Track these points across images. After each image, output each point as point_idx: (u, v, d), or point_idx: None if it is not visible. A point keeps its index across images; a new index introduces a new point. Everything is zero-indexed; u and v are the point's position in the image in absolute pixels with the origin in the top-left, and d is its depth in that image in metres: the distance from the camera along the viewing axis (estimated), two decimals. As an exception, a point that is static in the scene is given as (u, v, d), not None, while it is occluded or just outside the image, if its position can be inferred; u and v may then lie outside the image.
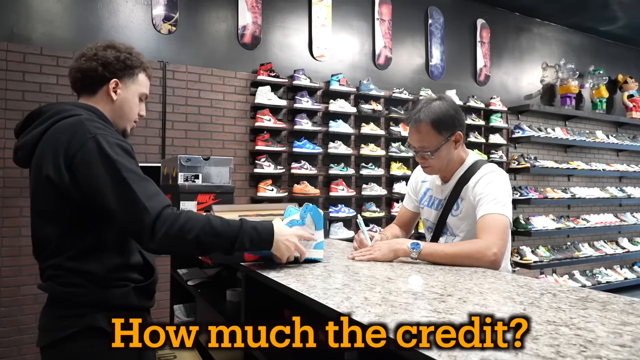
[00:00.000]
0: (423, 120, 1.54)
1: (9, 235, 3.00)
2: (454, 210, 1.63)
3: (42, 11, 3.20)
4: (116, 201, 1.08)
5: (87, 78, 1.26)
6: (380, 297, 0.93)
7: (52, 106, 1.22)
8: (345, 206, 4.15)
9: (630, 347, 0.64)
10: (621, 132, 6.47)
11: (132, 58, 1.30)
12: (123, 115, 1.31)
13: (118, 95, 1.28)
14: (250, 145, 3.87)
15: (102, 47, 1.28)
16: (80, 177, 1.10)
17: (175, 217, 1.10)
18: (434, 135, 1.55)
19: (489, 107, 5.16)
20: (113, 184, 1.08)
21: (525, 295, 0.97)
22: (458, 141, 1.60)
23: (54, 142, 1.13)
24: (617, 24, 5.94)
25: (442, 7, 4.99)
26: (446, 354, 0.62)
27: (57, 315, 1.15)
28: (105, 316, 1.13)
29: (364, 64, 4.52)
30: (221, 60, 3.82)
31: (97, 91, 1.27)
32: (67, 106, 1.21)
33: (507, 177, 1.58)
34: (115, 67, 1.27)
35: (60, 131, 1.14)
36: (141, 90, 1.34)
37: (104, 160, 1.09)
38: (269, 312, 1.41)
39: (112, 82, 1.27)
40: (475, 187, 1.55)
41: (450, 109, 1.56)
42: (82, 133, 1.11)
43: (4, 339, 2.96)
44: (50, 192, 1.13)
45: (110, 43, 1.30)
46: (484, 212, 1.48)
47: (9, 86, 3.05)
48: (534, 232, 5.09)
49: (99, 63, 1.25)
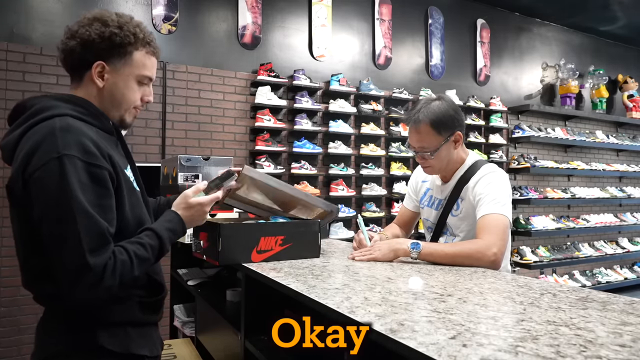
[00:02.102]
0: (422, 121, 1.55)
1: (9, 235, 2.99)
2: (454, 211, 1.64)
3: (42, 11, 3.20)
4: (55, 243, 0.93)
5: (68, 61, 1.08)
6: (380, 297, 0.93)
7: (36, 101, 1.04)
8: (345, 206, 4.15)
9: (630, 347, 0.64)
10: (621, 132, 6.47)
11: (122, 33, 1.06)
12: (115, 104, 1.11)
13: (106, 80, 1.08)
14: (250, 145, 3.87)
15: (87, 20, 1.06)
16: (33, 200, 0.95)
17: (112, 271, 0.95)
18: (434, 135, 1.55)
19: (489, 107, 5.16)
20: (57, 222, 0.92)
21: (525, 295, 0.97)
22: (458, 141, 1.60)
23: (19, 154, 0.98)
24: (617, 24, 5.94)
25: (442, 7, 4.99)
26: (446, 353, 0.62)
27: (54, 330, 1.04)
28: (108, 334, 1.04)
29: (364, 64, 4.52)
30: (221, 60, 3.82)
31: (82, 76, 1.08)
32: (51, 102, 1.04)
33: (507, 177, 1.58)
34: (99, 47, 1.05)
35: (30, 139, 0.97)
36: (138, 72, 1.11)
37: (59, 190, 0.92)
38: (269, 312, 1.41)
39: (95, 66, 1.06)
40: (476, 187, 1.55)
41: (450, 109, 1.57)
42: (49, 148, 0.94)
43: (4, 339, 2.96)
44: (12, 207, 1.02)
45: (99, 14, 1.07)
46: (483, 212, 1.48)
47: (9, 86, 3.05)
48: (534, 232, 5.09)
49: (78, 42, 1.04)
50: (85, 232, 0.92)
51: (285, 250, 1.46)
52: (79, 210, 0.92)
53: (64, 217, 0.92)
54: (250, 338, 1.38)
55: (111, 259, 0.96)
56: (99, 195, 0.97)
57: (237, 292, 1.80)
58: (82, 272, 0.91)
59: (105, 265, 0.94)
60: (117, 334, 1.05)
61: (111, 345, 1.03)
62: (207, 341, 1.98)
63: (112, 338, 1.04)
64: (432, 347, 0.64)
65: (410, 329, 0.72)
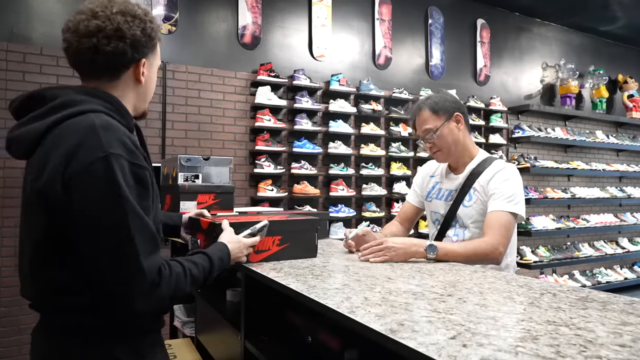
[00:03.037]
0: (422, 108, 1.72)
1: (9, 235, 3.00)
2: (465, 201, 1.68)
3: (42, 11, 3.20)
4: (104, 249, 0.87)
5: (112, 63, 0.99)
6: (380, 297, 0.93)
7: (58, 92, 0.96)
8: (345, 206, 4.15)
9: (630, 347, 0.64)
10: (621, 132, 6.47)
11: (154, 26, 1.03)
12: (147, 98, 1.09)
13: (144, 76, 1.04)
14: (250, 145, 3.87)
15: (118, 15, 0.97)
16: (77, 202, 0.87)
17: (166, 283, 0.93)
18: (434, 119, 1.70)
19: (489, 107, 5.16)
20: (112, 228, 0.87)
21: (525, 295, 0.97)
22: (459, 122, 1.71)
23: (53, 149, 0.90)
24: (617, 24, 5.94)
25: (442, 7, 4.99)
26: (446, 353, 0.62)
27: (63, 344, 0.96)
28: (124, 345, 0.98)
29: (364, 64, 4.52)
30: (221, 60, 3.82)
31: (120, 75, 1.01)
32: (78, 95, 0.95)
33: (519, 174, 1.69)
34: (144, 45, 1.01)
35: (65, 136, 0.90)
36: (159, 62, 1.11)
37: (110, 192, 0.86)
38: (269, 312, 1.41)
39: (141, 64, 1.02)
40: (492, 181, 1.63)
41: (447, 96, 1.74)
42: (93, 148, 0.87)
43: (4, 339, 2.96)
44: (41, 212, 0.92)
45: (129, 9, 0.99)
46: (494, 207, 1.57)
47: (9, 86, 3.05)
48: (534, 232, 5.09)
49: (127, 43, 0.98)
50: (139, 236, 0.88)
51: (283, 250, 1.45)
52: (131, 212, 0.87)
53: (115, 220, 0.87)
54: (250, 338, 1.38)
55: (166, 269, 0.94)
56: (142, 196, 0.92)
57: (237, 292, 1.79)
58: (137, 277, 0.87)
59: (160, 271, 0.92)
60: (131, 344, 1.00)
61: (127, 356, 0.98)
62: (207, 341, 1.98)
63: (127, 348, 0.98)
64: (432, 347, 0.64)
65: (410, 329, 0.72)
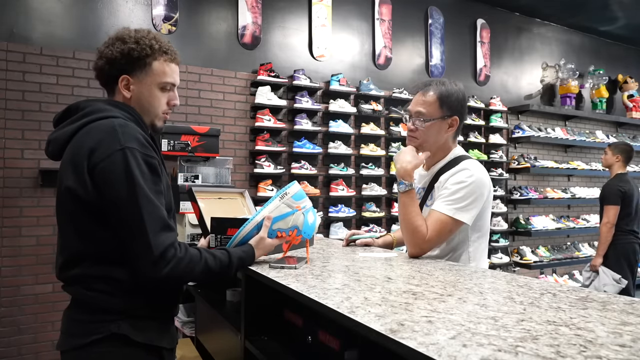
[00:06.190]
0: (432, 89, 1.57)
1: (9, 235, 2.99)
2: (428, 201, 1.61)
3: (42, 11, 3.20)
4: (123, 226, 1.07)
5: (100, 77, 1.24)
6: (380, 297, 0.93)
7: (89, 103, 1.19)
8: (345, 206, 4.15)
9: (630, 347, 0.64)
10: (621, 132, 6.47)
11: (139, 47, 1.19)
12: (144, 111, 1.23)
13: (132, 91, 1.21)
14: (250, 145, 3.87)
15: (110, 41, 1.21)
16: (100, 187, 1.08)
17: (177, 260, 1.09)
18: (435, 107, 1.55)
19: (489, 107, 5.16)
20: (127, 207, 1.06)
21: (525, 295, 0.97)
22: (452, 126, 1.58)
23: (79, 146, 1.10)
24: (617, 24, 5.94)
25: (442, 7, 4.99)
26: (446, 353, 0.62)
27: (81, 319, 1.12)
28: (130, 324, 1.11)
29: (364, 64, 4.52)
30: (221, 60, 3.82)
31: (114, 89, 1.23)
32: (104, 105, 1.18)
33: (484, 178, 1.52)
34: (122, 63, 1.19)
35: (91, 134, 1.11)
36: (159, 80, 1.23)
37: (125, 178, 1.06)
38: (269, 312, 1.41)
39: (121, 79, 1.20)
40: (447, 181, 1.52)
41: (460, 94, 1.58)
42: (112, 142, 1.08)
43: (4, 339, 2.96)
44: (70, 203, 1.11)
45: (120, 34, 1.21)
46: (435, 207, 1.49)
47: (9, 86, 3.05)
48: (534, 232, 5.09)
49: (104, 61, 1.20)
50: (149, 216, 1.06)
51: None
52: (142, 197, 1.06)
53: (131, 202, 1.06)
54: (250, 338, 1.38)
55: (180, 250, 1.10)
56: (154, 182, 1.12)
57: (237, 292, 1.80)
58: (146, 250, 1.05)
59: (169, 248, 1.08)
60: (140, 325, 1.13)
61: (135, 335, 1.10)
62: (207, 341, 1.98)
63: (136, 329, 1.11)
64: (432, 347, 0.64)
65: (410, 329, 0.72)
